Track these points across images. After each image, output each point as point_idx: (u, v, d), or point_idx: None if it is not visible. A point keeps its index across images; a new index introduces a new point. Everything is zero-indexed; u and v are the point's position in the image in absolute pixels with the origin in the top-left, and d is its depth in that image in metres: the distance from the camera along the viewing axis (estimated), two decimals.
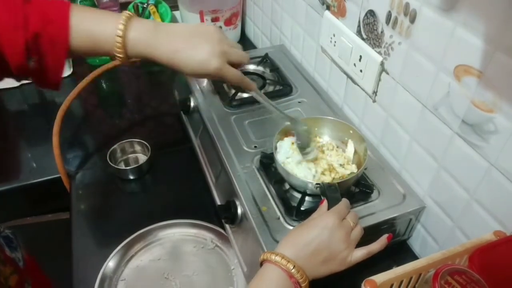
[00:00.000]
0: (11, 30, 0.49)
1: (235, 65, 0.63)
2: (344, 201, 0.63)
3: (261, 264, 0.56)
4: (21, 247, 0.47)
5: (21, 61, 0.51)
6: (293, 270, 0.53)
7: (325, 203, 0.62)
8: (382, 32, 0.73)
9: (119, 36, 0.55)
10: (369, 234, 0.63)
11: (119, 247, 0.78)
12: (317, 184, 0.66)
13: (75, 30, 0.53)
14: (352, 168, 0.74)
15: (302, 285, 0.53)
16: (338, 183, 0.66)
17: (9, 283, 0.42)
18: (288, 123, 0.73)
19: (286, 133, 0.76)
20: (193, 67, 0.59)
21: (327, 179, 0.71)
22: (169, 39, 0.59)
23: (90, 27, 0.55)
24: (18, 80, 0.57)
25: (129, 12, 0.57)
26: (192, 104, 0.96)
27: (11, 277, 0.42)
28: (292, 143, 0.74)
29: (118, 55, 0.56)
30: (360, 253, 0.58)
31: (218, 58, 0.60)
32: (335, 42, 0.88)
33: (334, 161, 0.75)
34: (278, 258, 0.54)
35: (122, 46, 0.55)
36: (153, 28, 0.59)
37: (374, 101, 0.82)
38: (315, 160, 0.74)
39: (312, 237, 0.57)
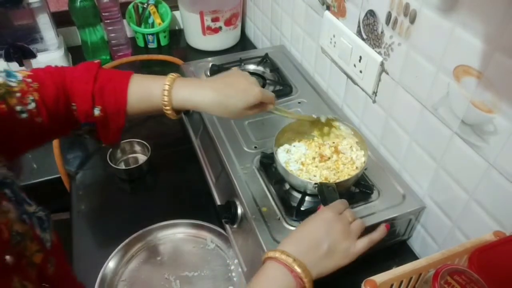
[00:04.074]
0: (83, 82, 0.61)
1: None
2: (341, 200, 0.63)
3: (263, 264, 0.56)
4: (51, 230, 0.50)
5: (87, 108, 0.61)
6: (293, 264, 0.53)
7: (322, 206, 0.63)
8: (382, 32, 0.74)
9: (165, 90, 0.63)
10: None
11: (119, 247, 0.78)
12: (315, 184, 0.66)
13: (133, 85, 0.63)
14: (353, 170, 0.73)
15: (305, 279, 0.52)
16: (338, 183, 0.66)
17: (34, 259, 0.44)
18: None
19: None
20: (240, 97, 0.64)
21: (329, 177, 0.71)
22: (211, 86, 0.65)
23: (144, 84, 0.65)
24: (82, 136, 0.67)
25: (176, 74, 0.65)
26: None
27: (36, 254, 0.45)
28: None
29: (165, 107, 0.64)
30: (362, 243, 0.58)
31: (258, 85, 0.66)
32: (335, 42, 0.88)
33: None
34: (277, 254, 0.54)
35: (167, 100, 0.63)
36: (195, 82, 0.66)
37: (374, 101, 0.82)
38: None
39: (310, 231, 0.57)
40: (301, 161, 0.74)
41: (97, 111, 0.61)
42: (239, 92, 0.64)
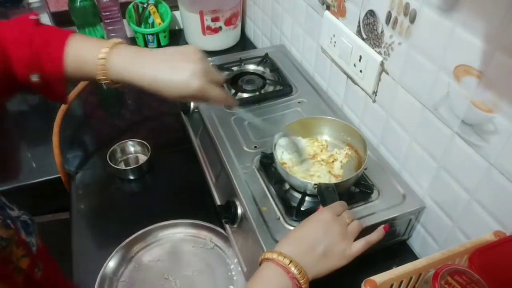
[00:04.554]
0: (18, 46, 0.56)
1: (217, 84, 0.64)
2: (340, 201, 0.63)
3: (260, 265, 0.56)
4: (36, 234, 0.49)
5: (25, 74, 0.56)
6: (289, 265, 0.53)
7: (321, 207, 0.63)
8: (382, 32, 0.73)
9: (101, 59, 0.58)
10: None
11: (119, 247, 0.78)
12: (315, 184, 0.66)
13: (69, 53, 0.58)
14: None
15: (301, 280, 0.52)
16: (337, 183, 0.66)
17: (20, 264, 0.43)
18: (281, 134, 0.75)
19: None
20: (174, 89, 0.59)
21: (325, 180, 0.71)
22: (150, 62, 0.59)
23: (81, 52, 0.59)
24: (30, 93, 0.63)
25: (119, 40, 0.60)
26: (192, 104, 0.96)
27: (22, 259, 0.44)
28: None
29: (101, 78, 0.59)
30: (359, 245, 0.58)
31: (200, 78, 0.59)
32: (335, 42, 0.88)
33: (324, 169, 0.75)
34: (274, 255, 0.54)
35: (103, 69, 0.58)
36: (135, 53, 0.60)
37: (374, 101, 0.82)
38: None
39: (307, 232, 0.57)
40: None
41: (35, 78, 0.57)
42: (175, 80, 0.59)
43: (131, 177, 0.94)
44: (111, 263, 0.76)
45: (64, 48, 0.58)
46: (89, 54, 0.58)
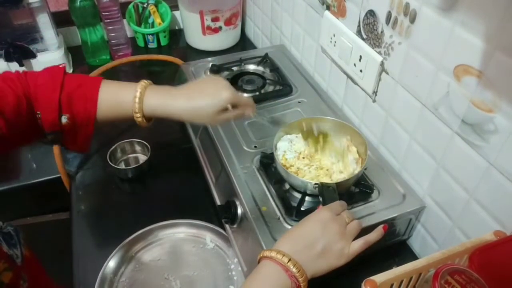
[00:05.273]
0: (49, 90, 0.59)
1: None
2: (340, 201, 0.63)
3: (259, 263, 0.56)
4: (21, 244, 0.48)
5: (54, 118, 0.59)
6: (288, 264, 0.53)
7: (321, 206, 0.63)
8: (382, 32, 0.73)
9: (137, 97, 0.63)
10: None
11: (119, 247, 0.78)
12: (315, 184, 0.66)
13: (103, 93, 0.62)
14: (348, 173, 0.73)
15: (300, 279, 0.53)
16: (337, 183, 0.66)
17: (2, 278, 0.42)
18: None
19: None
20: (209, 101, 0.65)
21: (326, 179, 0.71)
22: (182, 95, 0.66)
23: (116, 92, 0.64)
24: (49, 143, 0.65)
25: (149, 81, 0.66)
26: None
27: (4, 273, 0.43)
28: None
29: (137, 117, 0.64)
30: (357, 244, 0.58)
31: (229, 88, 0.67)
32: (335, 42, 0.88)
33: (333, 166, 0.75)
34: (273, 254, 0.54)
35: (139, 109, 0.63)
36: (166, 90, 0.67)
37: (374, 101, 0.82)
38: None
39: (306, 231, 0.57)
40: (299, 151, 0.75)
41: (64, 119, 0.60)
42: (207, 96, 0.66)
43: (131, 177, 0.94)
44: (111, 263, 0.76)
45: (99, 88, 0.63)
46: (124, 93, 0.64)
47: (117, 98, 0.64)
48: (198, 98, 0.66)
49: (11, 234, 0.47)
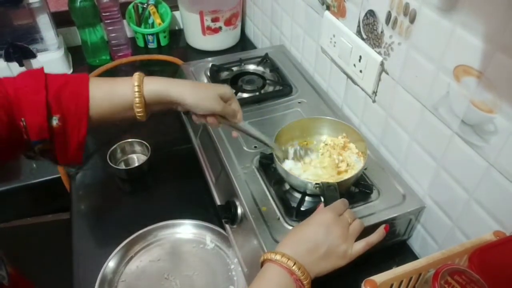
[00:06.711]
0: (33, 92, 0.53)
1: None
2: (342, 199, 0.63)
3: (262, 265, 0.56)
4: (6, 264, 0.45)
5: (41, 121, 0.52)
6: (293, 267, 0.53)
7: (322, 204, 0.63)
8: (382, 32, 0.73)
9: (136, 86, 0.59)
10: (369, 234, 0.63)
11: (119, 247, 0.78)
12: (316, 184, 0.66)
13: (94, 87, 0.58)
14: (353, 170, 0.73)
15: (304, 282, 0.53)
16: (337, 183, 0.66)
17: None
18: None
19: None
20: (211, 87, 0.67)
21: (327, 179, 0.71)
22: (184, 80, 0.66)
23: (109, 84, 0.61)
24: (34, 158, 0.58)
25: (138, 73, 0.62)
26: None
27: None
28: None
29: (137, 106, 0.60)
30: (359, 246, 0.59)
31: (227, 87, 0.68)
32: (335, 42, 0.88)
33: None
34: (278, 257, 0.54)
35: (140, 98, 0.60)
36: (166, 78, 0.64)
37: (374, 101, 0.82)
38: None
39: (310, 233, 0.57)
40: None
41: (55, 121, 0.54)
42: (209, 85, 0.70)
43: (131, 177, 0.94)
44: (111, 263, 0.76)
45: (88, 85, 0.58)
46: (119, 84, 0.60)
47: (112, 90, 0.60)
48: (202, 85, 0.67)
49: None
